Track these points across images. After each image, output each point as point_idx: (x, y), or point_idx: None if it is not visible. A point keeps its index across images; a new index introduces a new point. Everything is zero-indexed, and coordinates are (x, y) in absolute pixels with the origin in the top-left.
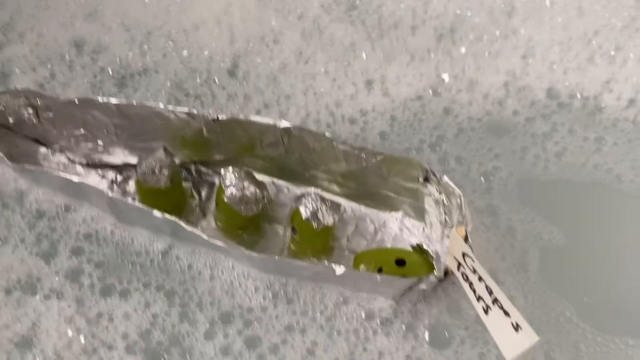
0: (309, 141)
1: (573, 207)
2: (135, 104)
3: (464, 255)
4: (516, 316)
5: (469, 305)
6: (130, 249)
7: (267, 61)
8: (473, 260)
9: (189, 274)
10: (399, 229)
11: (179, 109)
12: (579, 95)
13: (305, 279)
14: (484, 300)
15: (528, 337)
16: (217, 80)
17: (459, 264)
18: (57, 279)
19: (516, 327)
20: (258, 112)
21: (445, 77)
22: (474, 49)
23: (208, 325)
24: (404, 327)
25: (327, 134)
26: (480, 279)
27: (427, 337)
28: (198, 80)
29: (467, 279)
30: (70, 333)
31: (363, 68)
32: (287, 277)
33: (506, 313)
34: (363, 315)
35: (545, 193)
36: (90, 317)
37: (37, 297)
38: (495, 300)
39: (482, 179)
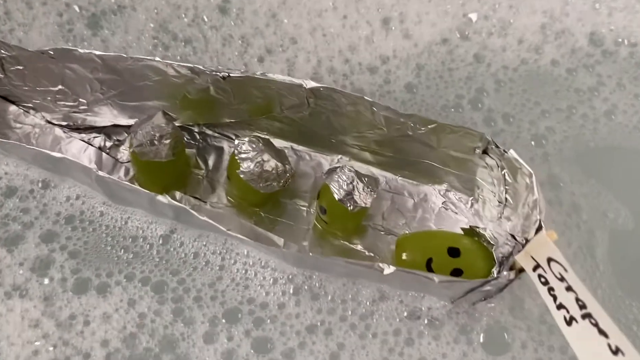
0: (341, 104)
1: (634, 179)
2: (125, 56)
3: (549, 260)
4: (619, 339)
5: (533, 303)
6: (124, 233)
7: None
8: (565, 270)
9: (193, 263)
10: (442, 205)
11: (179, 63)
12: (626, 42)
13: (338, 273)
14: (567, 311)
15: None
16: (206, 19)
17: (537, 266)
18: (21, 272)
19: (615, 351)
20: (261, 60)
21: (474, 16)
22: None
23: (208, 325)
24: (457, 329)
25: (366, 98)
26: (568, 288)
27: (481, 340)
28: (185, 19)
29: (545, 282)
30: (36, 340)
31: (377, 3)
32: (314, 270)
33: (602, 332)
34: (405, 314)
35: (604, 160)
36: (61, 319)
37: None
38: (587, 316)
39: (532, 143)
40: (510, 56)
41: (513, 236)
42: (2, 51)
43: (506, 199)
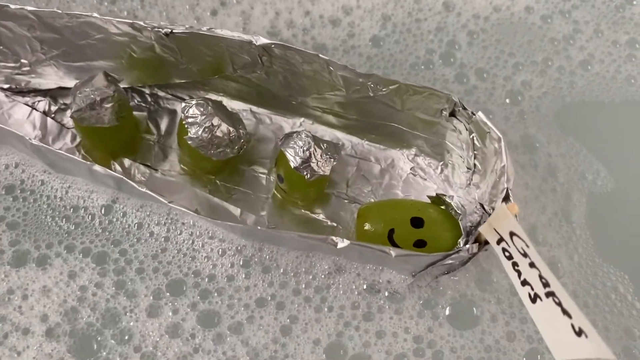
0: (296, 63)
1: (616, 133)
2: (60, 12)
3: (511, 234)
4: (581, 321)
5: (502, 275)
6: (65, 202)
7: None
8: (527, 245)
9: (137, 234)
10: (411, 170)
11: (118, 19)
12: None
13: (291, 247)
14: (531, 287)
15: (595, 349)
16: None
17: (500, 239)
18: None
19: (579, 332)
20: (214, 13)
21: None
22: None
23: (152, 298)
24: (420, 303)
25: (322, 55)
26: (532, 265)
27: (447, 314)
28: None
29: (510, 257)
30: None
31: None
32: (265, 243)
33: (566, 313)
34: (364, 287)
35: (581, 116)
36: None
37: None
38: (551, 294)
39: (507, 100)
40: (481, 3)
41: (482, 205)
42: None
43: (475, 164)
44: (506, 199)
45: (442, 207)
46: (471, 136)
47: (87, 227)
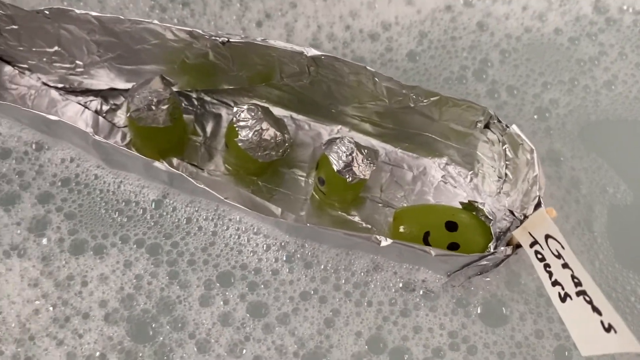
0: (343, 74)
1: (636, 152)
2: (122, 18)
3: (547, 237)
4: (612, 317)
5: (530, 277)
6: (117, 196)
7: None
8: (563, 247)
9: (186, 228)
10: (442, 178)
11: (178, 27)
12: (630, 9)
13: (333, 244)
14: (562, 287)
15: (625, 343)
16: None
17: (534, 242)
18: (18, 232)
19: (608, 328)
20: (259, 24)
21: None
22: None
23: (204, 288)
24: (453, 301)
25: (368, 68)
26: (565, 265)
27: (479, 312)
28: None
29: (542, 259)
30: (36, 300)
31: None
32: (308, 240)
33: (596, 310)
34: (401, 285)
35: (604, 134)
36: (60, 279)
37: None
38: (582, 293)
39: (535, 117)
40: (513, 24)
41: (511, 212)
42: None
43: (506, 174)
44: (538, 205)
45: (474, 212)
46: (503, 147)
47: (139, 220)
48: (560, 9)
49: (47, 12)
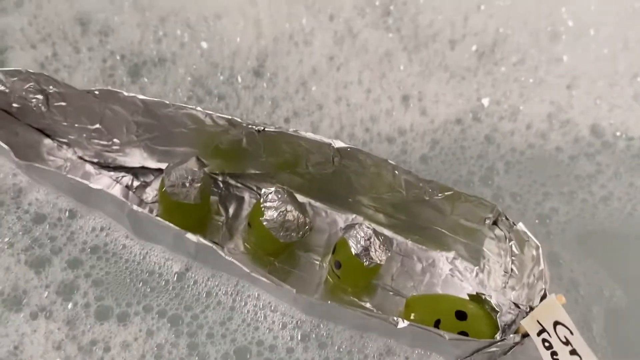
0: (365, 165)
1: (630, 261)
2: (167, 102)
3: (555, 324)
4: None
5: None
6: (142, 267)
7: (296, 64)
8: (572, 333)
9: (205, 301)
10: (449, 271)
11: (218, 114)
12: (624, 135)
13: (348, 326)
14: None
15: None
16: (240, 80)
17: (542, 330)
18: (46, 294)
19: None
20: (287, 121)
21: (486, 101)
22: (516, 72)
23: None
24: None
25: (390, 161)
26: (572, 352)
27: None
28: (220, 77)
29: (549, 347)
30: None
31: (399, 81)
32: (323, 319)
33: None
34: None
35: (601, 243)
36: (83, 344)
37: (22, 314)
38: None
39: (537, 221)
40: (518, 140)
41: (516, 305)
42: (51, 87)
43: (512, 269)
44: (544, 298)
45: (481, 304)
46: (510, 243)
47: (162, 290)
48: (561, 130)
49: (96, 92)
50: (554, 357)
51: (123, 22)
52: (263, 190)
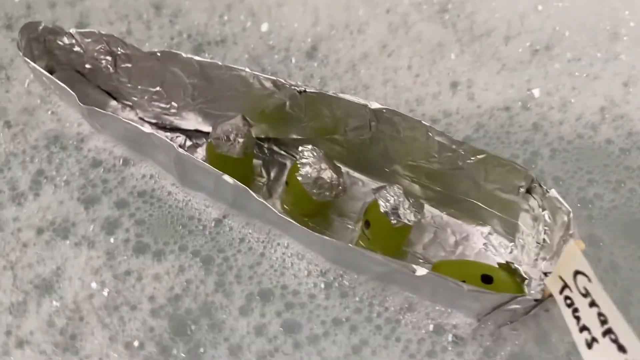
0: (400, 128)
1: None
2: (220, 64)
3: (575, 274)
4: (637, 354)
5: (560, 338)
6: (183, 212)
7: (348, 48)
8: (590, 280)
9: (238, 246)
10: (483, 246)
11: (265, 76)
12: None
13: (370, 276)
14: (589, 332)
15: None
16: (294, 60)
17: (564, 286)
18: (92, 227)
19: None
20: None
21: (537, 92)
22: (571, 68)
23: (245, 300)
24: (481, 350)
25: (424, 122)
26: (592, 304)
27: None
28: (276, 57)
29: (571, 304)
30: (94, 285)
31: (449, 69)
32: (347, 269)
33: (621, 348)
34: (431, 327)
35: None
36: (119, 272)
37: (68, 242)
38: (608, 332)
39: (579, 205)
40: (567, 129)
41: (546, 274)
42: (119, 48)
43: (544, 239)
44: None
45: (510, 272)
46: (543, 213)
47: (199, 234)
48: (613, 124)
49: (158, 54)
50: (575, 314)
51: (193, 7)
52: (300, 147)
